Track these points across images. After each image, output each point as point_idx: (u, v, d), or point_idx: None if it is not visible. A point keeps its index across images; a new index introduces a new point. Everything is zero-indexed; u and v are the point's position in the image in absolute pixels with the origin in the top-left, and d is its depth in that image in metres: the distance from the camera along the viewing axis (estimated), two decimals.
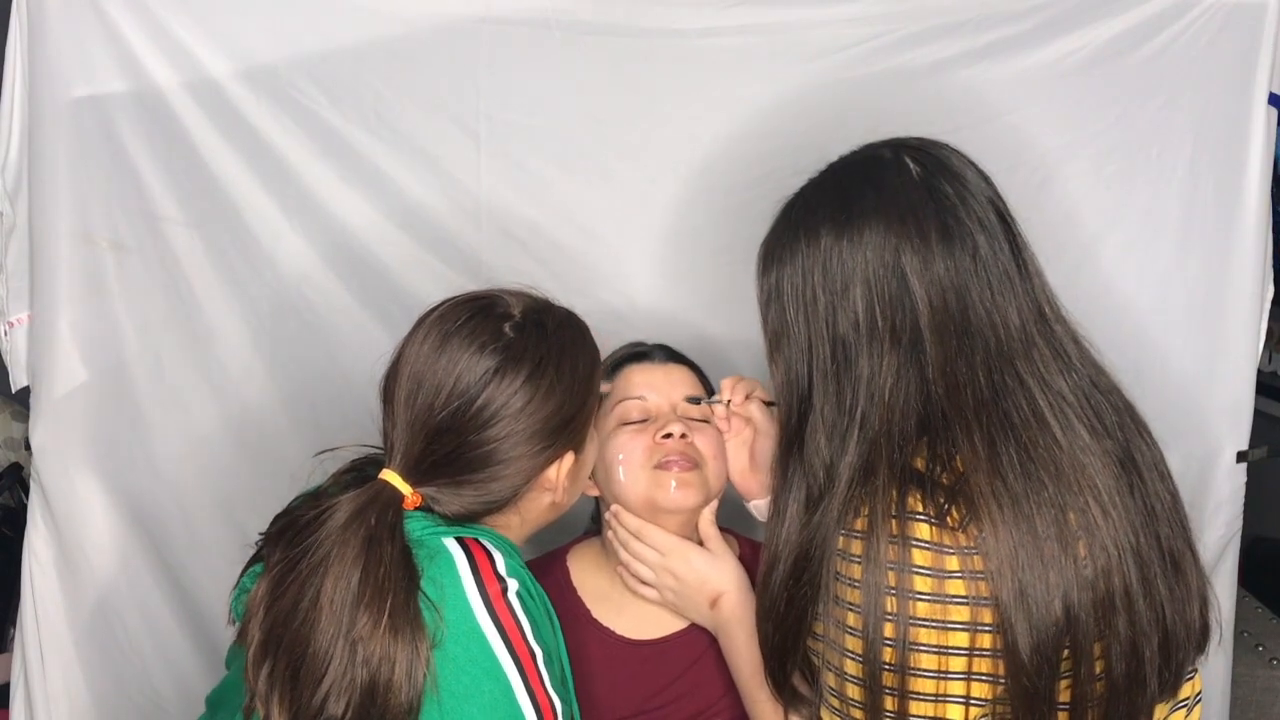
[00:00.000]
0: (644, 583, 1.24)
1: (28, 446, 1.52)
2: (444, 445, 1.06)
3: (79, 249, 1.45)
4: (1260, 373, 1.62)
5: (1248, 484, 1.62)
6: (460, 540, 1.05)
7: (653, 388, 1.28)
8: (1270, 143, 1.54)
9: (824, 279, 1.01)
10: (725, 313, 1.53)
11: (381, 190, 1.48)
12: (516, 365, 1.06)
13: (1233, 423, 1.59)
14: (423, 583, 1.00)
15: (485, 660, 0.99)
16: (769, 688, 1.10)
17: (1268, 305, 1.59)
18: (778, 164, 1.52)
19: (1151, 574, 0.96)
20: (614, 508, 1.26)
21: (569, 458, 1.12)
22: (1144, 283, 1.56)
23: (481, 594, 1.01)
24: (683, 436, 1.23)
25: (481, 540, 1.06)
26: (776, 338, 1.06)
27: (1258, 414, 1.62)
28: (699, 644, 1.24)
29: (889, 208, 1.00)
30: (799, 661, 1.05)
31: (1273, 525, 2.34)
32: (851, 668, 0.94)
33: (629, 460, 1.23)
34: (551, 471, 1.11)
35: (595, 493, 1.29)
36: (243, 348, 1.51)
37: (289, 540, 1.03)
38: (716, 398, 1.28)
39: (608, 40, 1.47)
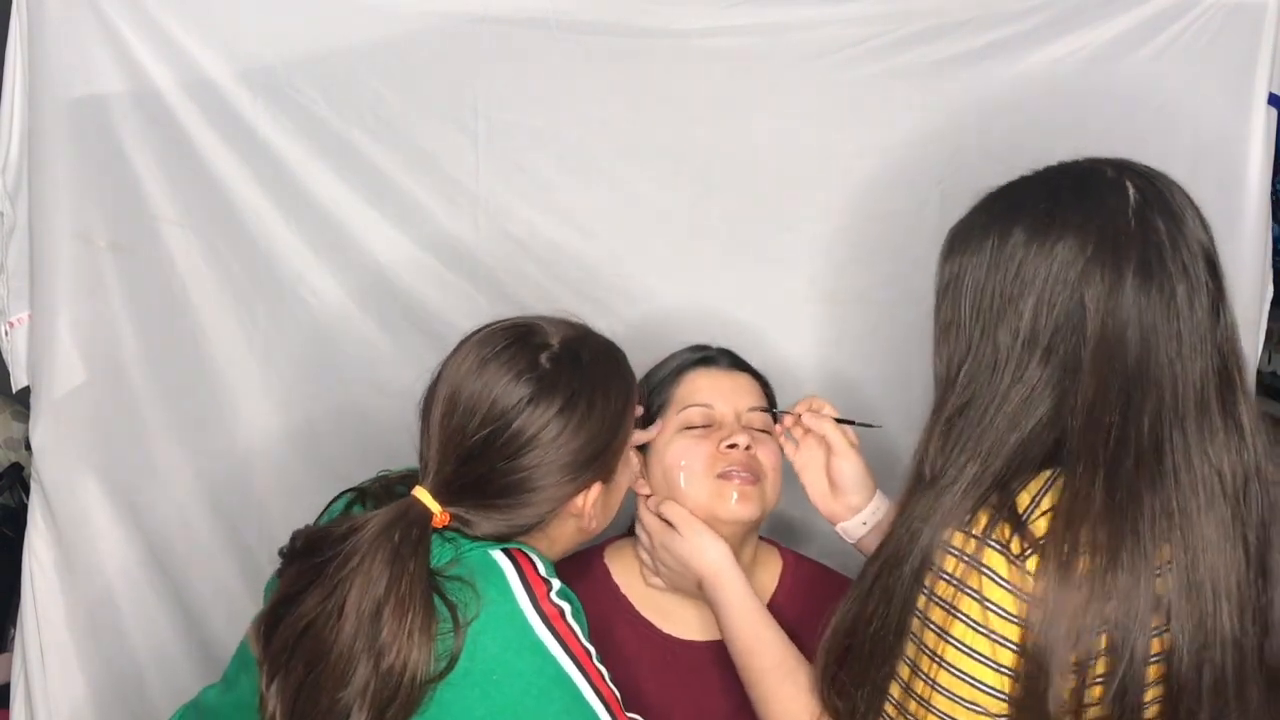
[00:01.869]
0: (654, 573, 1.26)
1: (28, 446, 1.52)
2: (475, 469, 1.08)
3: (79, 249, 1.46)
4: (1260, 373, 1.62)
5: None
6: (506, 552, 1.06)
7: (720, 395, 1.28)
8: (1270, 143, 1.53)
9: (1003, 279, 0.96)
10: (723, 314, 1.53)
11: (379, 190, 1.48)
12: (550, 396, 1.08)
13: None
14: (471, 597, 1.01)
15: (550, 669, 1.01)
16: (820, 664, 1.06)
17: (1267, 305, 1.59)
18: (778, 164, 1.53)
19: (1249, 671, 0.93)
20: (651, 499, 1.26)
21: (597, 488, 1.13)
22: None
23: (534, 603, 1.03)
24: (747, 448, 1.23)
25: (524, 550, 1.08)
26: (946, 328, 1.02)
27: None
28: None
29: (1091, 226, 0.94)
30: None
31: None
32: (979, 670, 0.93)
33: (690, 467, 1.23)
34: (579, 500, 1.12)
35: (647, 492, 1.29)
36: (237, 347, 1.51)
37: (318, 549, 1.06)
38: (789, 409, 1.27)
39: (607, 40, 1.46)
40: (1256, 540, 0.95)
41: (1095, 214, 0.95)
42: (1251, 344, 1.57)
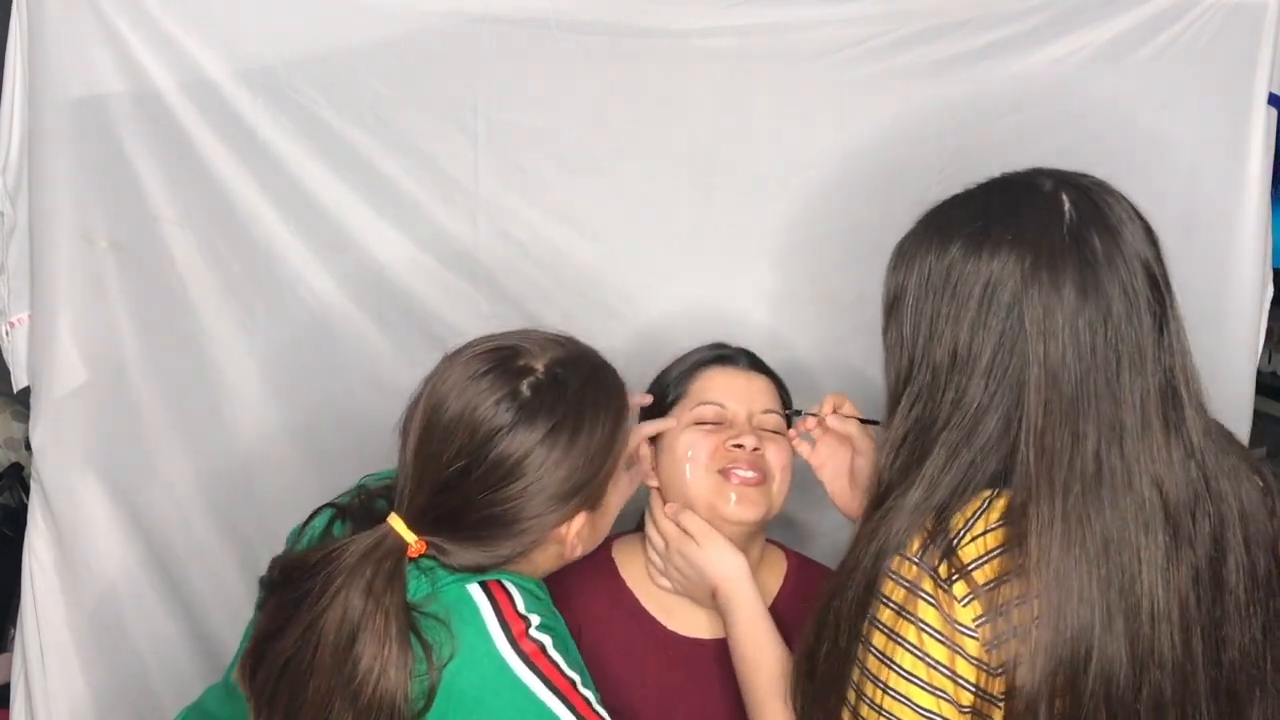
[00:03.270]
0: (663, 575, 1.26)
1: (28, 446, 1.52)
2: (449, 500, 1.03)
3: (79, 249, 1.46)
4: (1260, 373, 1.61)
5: None
6: (484, 585, 1.04)
7: (733, 395, 1.28)
8: (1270, 143, 1.53)
9: (939, 297, 0.95)
10: (723, 313, 1.52)
11: (378, 190, 1.48)
12: (530, 425, 1.02)
13: (1233, 423, 1.55)
14: (446, 637, 0.99)
15: (533, 707, 0.99)
16: (790, 682, 1.06)
17: (1267, 305, 1.59)
18: (777, 164, 1.53)
19: (1194, 692, 0.92)
20: (669, 506, 1.25)
21: (581, 517, 1.09)
22: None
23: (511, 642, 1.00)
24: (755, 449, 1.23)
25: (503, 582, 1.05)
26: (891, 346, 1.01)
27: (1258, 414, 1.62)
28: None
29: (1025, 242, 0.93)
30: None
31: None
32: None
33: (696, 459, 1.23)
34: (563, 529, 1.08)
35: (655, 483, 1.29)
36: (237, 347, 1.51)
37: (295, 580, 1.04)
38: (810, 410, 1.26)
39: (607, 40, 1.46)
40: (1208, 558, 0.94)
41: (1029, 229, 0.94)
42: (1251, 344, 1.57)
